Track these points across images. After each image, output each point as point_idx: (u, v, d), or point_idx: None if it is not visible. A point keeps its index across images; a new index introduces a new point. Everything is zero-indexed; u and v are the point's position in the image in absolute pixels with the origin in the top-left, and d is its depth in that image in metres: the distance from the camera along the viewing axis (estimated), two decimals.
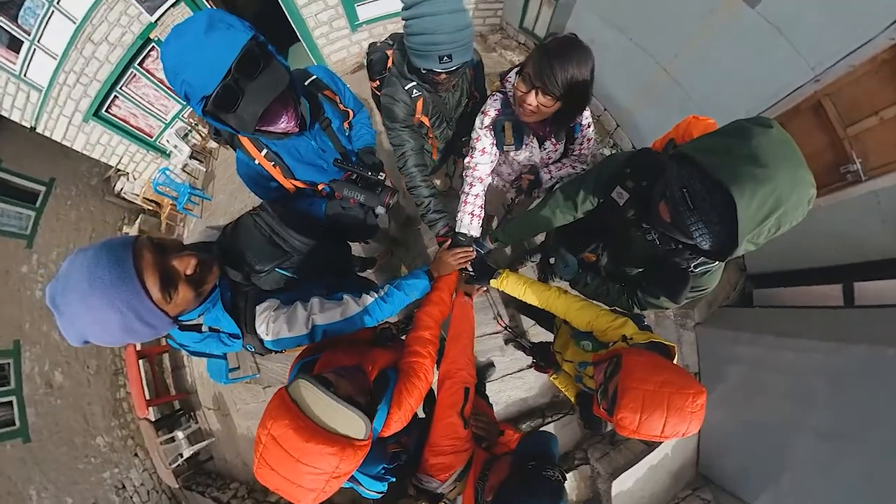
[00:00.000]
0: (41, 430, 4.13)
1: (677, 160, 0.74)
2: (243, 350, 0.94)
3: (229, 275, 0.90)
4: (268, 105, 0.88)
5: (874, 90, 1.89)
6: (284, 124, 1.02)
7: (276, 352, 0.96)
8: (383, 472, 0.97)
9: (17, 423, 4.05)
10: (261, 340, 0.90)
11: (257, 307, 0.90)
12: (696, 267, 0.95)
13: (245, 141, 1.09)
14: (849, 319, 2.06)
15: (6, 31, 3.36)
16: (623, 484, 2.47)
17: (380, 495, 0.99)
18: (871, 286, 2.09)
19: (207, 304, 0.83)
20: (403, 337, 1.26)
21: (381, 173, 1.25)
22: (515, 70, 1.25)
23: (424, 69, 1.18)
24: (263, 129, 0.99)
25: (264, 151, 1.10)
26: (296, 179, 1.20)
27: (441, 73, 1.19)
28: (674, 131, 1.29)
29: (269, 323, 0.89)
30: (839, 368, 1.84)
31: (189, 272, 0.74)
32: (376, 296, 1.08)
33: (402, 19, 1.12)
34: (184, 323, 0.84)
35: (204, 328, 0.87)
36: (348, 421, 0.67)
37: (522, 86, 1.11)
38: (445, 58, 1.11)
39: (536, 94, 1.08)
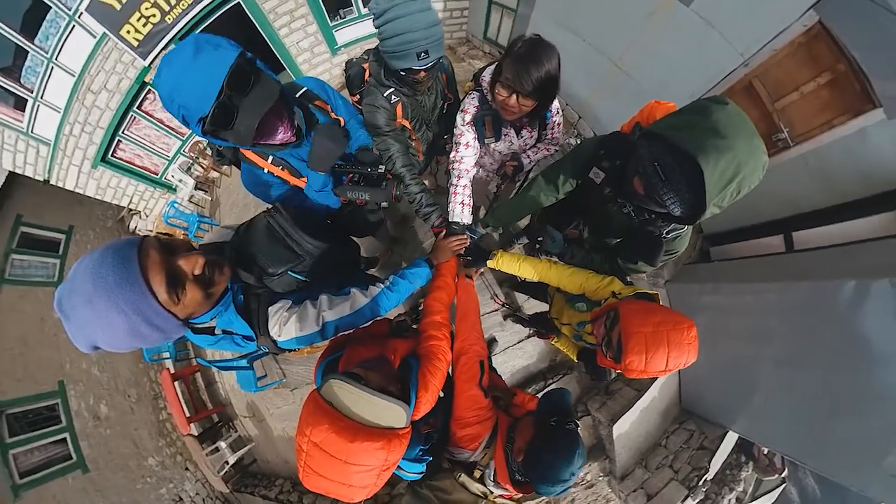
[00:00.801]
0: (97, 460, 4.12)
1: (647, 138, 0.75)
2: (267, 357, 0.89)
3: (241, 277, 0.85)
4: (262, 117, 0.84)
5: (794, 69, 2.03)
6: (281, 135, 0.98)
7: (291, 350, 0.91)
8: (420, 453, 0.93)
9: (74, 456, 4.04)
10: (274, 341, 0.86)
11: (269, 308, 0.86)
12: (667, 233, 0.98)
13: (249, 153, 1.04)
14: (791, 262, 2.23)
15: (11, 92, 3.27)
16: (621, 427, 2.62)
17: (420, 475, 0.97)
18: (807, 233, 2.27)
19: (220, 307, 0.77)
20: (415, 326, 1.23)
21: (380, 166, 1.19)
22: (490, 70, 1.25)
23: (403, 70, 1.14)
24: (262, 142, 0.95)
25: (270, 158, 1.05)
26: (304, 177, 1.14)
27: (420, 70, 1.15)
28: (639, 115, 1.33)
29: (281, 324, 0.85)
30: (788, 303, 2.01)
31: (197, 272, 0.67)
32: (382, 286, 1.04)
33: (376, 27, 1.10)
34: (196, 326, 0.78)
35: (217, 330, 0.82)
36: (388, 411, 0.62)
37: (503, 91, 1.12)
38: (423, 54, 1.08)
39: (518, 97, 1.10)
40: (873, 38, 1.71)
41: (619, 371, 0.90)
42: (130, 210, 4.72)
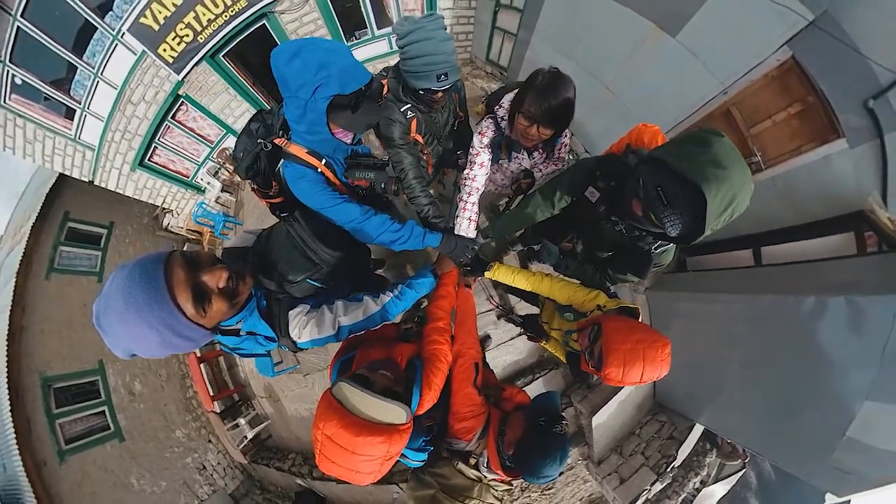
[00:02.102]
0: (131, 431, 4.25)
1: (649, 164, 0.73)
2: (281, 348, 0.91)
3: (264, 284, 0.85)
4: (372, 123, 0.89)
5: (768, 99, 2.04)
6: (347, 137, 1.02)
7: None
8: (423, 443, 0.96)
9: (112, 427, 4.18)
10: (294, 342, 0.87)
11: (290, 312, 0.86)
12: (655, 248, 0.98)
13: (305, 155, 1.00)
14: (759, 276, 2.24)
15: (62, 103, 3.34)
16: (600, 418, 2.65)
17: (423, 463, 1.00)
18: (774, 249, 2.27)
19: (245, 312, 0.78)
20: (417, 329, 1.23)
21: (385, 159, 1.20)
22: (508, 99, 1.22)
23: (422, 89, 1.12)
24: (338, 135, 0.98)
25: (323, 161, 1.03)
26: (339, 182, 1.13)
27: (438, 90, 1.13)
28: (627, 137, 1.30)
29: (300, 327, 0.86)
30: (754, 313, 2.02)
31: (221, 285, 0.65)
32: (391, 295, 1.04)
33: (399, 47, 1.07)
34: (223, 328, 0.78)
35: (242, 332, 0.83)
36: (389, 411, 0.65)
37: (525, 121, 1.09)
38: (442, 76, 1.07)
39: (538, 127, 1.08)
40: (840, 74, 1.71)
41: (598, 377, 0.91)
42: (164, 209, 4.78)
